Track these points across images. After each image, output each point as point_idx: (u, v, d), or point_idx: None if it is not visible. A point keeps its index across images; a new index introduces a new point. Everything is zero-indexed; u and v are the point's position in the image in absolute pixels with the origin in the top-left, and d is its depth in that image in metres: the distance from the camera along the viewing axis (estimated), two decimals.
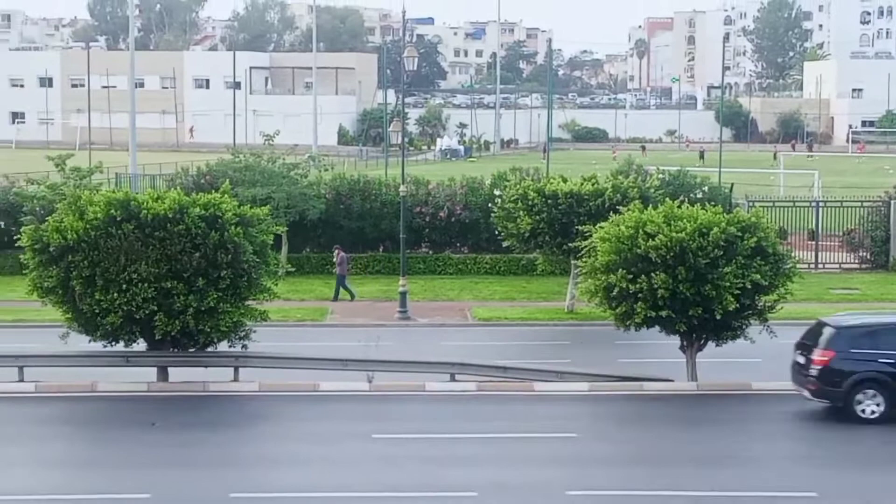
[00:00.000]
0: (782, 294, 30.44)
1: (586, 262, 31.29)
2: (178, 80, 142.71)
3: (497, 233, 44.04)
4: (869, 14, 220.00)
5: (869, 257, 50.82)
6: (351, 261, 46.18)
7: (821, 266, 50.26)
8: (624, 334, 31.99)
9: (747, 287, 29.36)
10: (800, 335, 29.20)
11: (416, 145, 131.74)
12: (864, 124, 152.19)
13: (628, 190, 40.68)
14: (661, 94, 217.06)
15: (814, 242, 51.32)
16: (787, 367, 28.96)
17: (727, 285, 29.11)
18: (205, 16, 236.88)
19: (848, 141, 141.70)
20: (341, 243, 48.43)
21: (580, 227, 36.03)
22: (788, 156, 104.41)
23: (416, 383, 30.85)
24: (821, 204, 53.45)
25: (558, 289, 44.03)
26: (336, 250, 45.26)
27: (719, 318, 29.49)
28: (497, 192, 46.35)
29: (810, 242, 51.46)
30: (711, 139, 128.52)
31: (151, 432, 26.94)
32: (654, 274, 29.23)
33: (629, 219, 30.66)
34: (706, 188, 51.24)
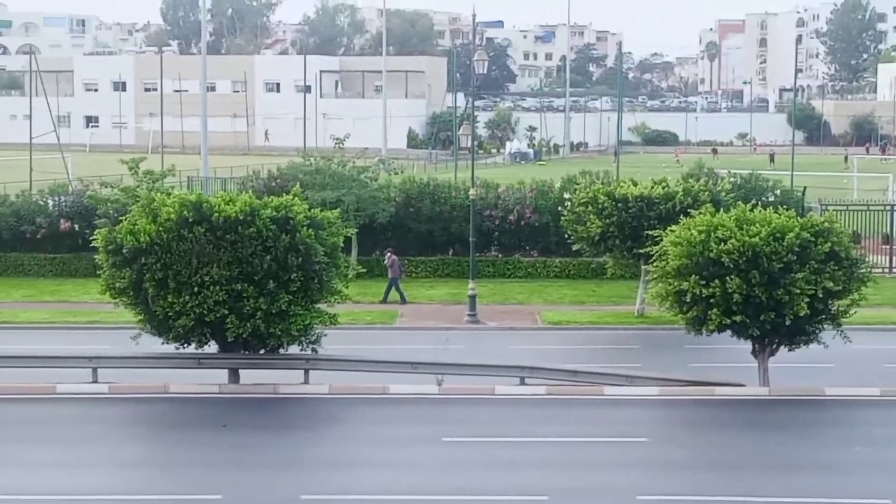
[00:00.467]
0: (856, 299, 30.11)
1: (657, 267, 31.11)
2: (248, 84, 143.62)
3: (567, 236, 43.91)
4: None
5: None
6: (405, 265, 46.11)
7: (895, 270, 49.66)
8: (694, 338, 31.76)
9: (820, 292, 29.06)
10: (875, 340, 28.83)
11: (486, 149, 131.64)
12: None
13: (699, 193, 40.43)
14: (732, 97, 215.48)
15: (888, 246, 50.71)
16: (860, 372, 28.59)
17: (800, 290, 28.83)
18: (276, 20, 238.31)
19: None
20: (410, 246, 48.69)
21: (650, 231, 35.83)
22: (862, 159, 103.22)
23: (485, 387, 30.80)
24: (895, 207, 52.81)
25: (628, 293, 43.83)
26: (388, 253, 45.32)
27: (792, 322, 29.22)
28: (567, 196, 46.26)
29: (885, 246, 50.86)
30: (783, 142, 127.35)
31: (222, 434, 27.12)
32: (727, 279, 29.00)
33: (700, 222, 30.44)
34: (778, 192, 50.83)
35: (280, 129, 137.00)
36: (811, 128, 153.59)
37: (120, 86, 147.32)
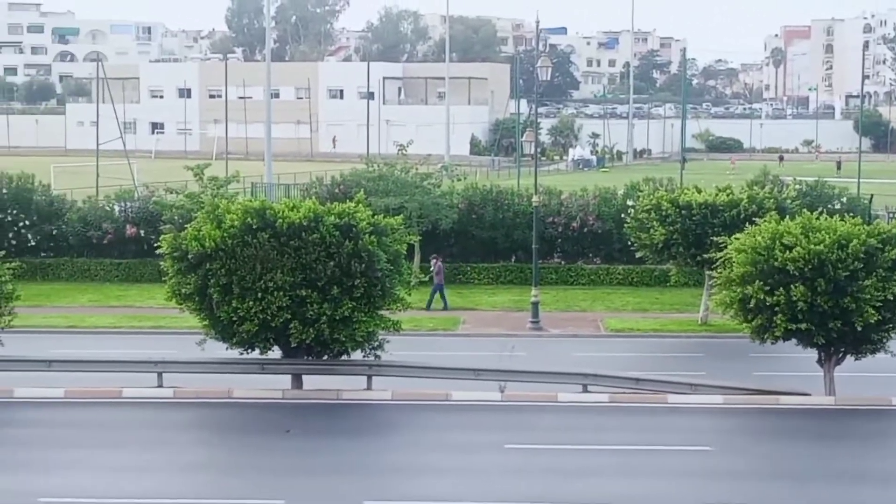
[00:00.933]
0: None
1: (721, 274, 30.92)
2: (312, 91, 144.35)
3: (630, 243, 43.77)
4: None
5: None
6: (443, 270, 45.91)
7: None
8: (759, 347, 31.54)
9: (888, 300, 28.78)
10: None
11: (549, 155, 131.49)
12: None
13: (764, 200, 40.15)
14: (797, 104, 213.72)
15: None
16: None
17: (867, 298, 28.58)
18: (339, 27, 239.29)
19: None
20: (473, 253, 48.77)
21: (715, 238, 35.68)
22: None
23: (548, 394, 30.75)
24: None
25: (692, 300, 43.60)
26: (434, 260, 45.22)
27: (859, 331, 28.95)
28: (630, 203, 46.13)
29: None
30: (849, 149, 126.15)
31: (286, 439, 27.25)
32: (792, 286, 28.78)
33: (765, 230, 30.24)
34: (844, 199, 50.35)
35: (343, 135, 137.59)
36: (878, 135, 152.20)
37: (185, 92, 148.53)
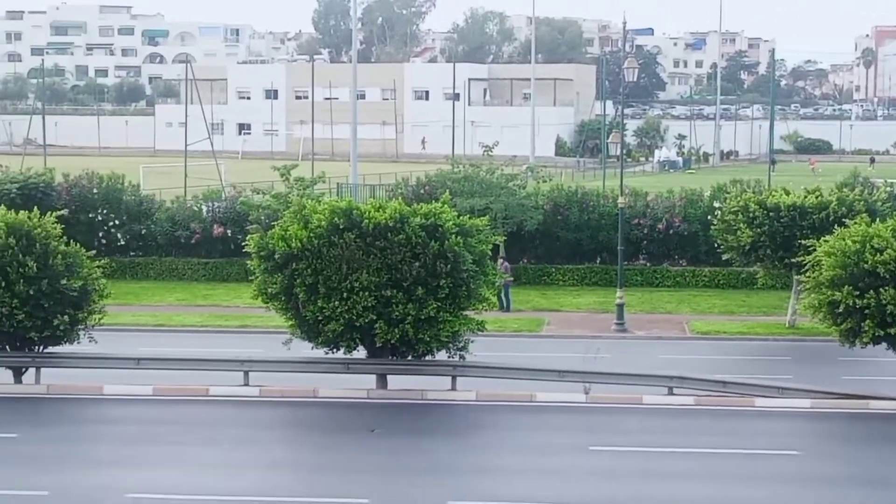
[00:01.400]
0: None
1: (810, 277, 30.60)
2: (398, 92, 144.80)
3: (716, 245, 43.44)
4: None
5: None
6: (512, 271, 45.49)
7: None
8: (848, 351, 31.17)
9: None
10: None
11: (634, 157, 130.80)
12: None
13: (854, 203, 39.66)
14: (889, 105, 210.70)
15: None
16: None
17: None
18: (425, 28, 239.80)
19: None
20: (558, 254, 48.83)
21: (803, 241, 35.28)
22: None
23: (633, 396, 30.59)
24: None
25: (779, 303, 43.16)
26: (500, 260, 44.99)
27: None
28: (717, 205, 45.76)
29: None
30: None
31: (371, 438, 27.35)
32: (882, 290, 28.39)
33: (855, 233, 29.88)
34: None
35: (428, 136, 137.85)
36: None
37: (272, 94, 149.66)
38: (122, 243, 50.25)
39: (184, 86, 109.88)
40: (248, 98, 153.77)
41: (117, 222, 50.13)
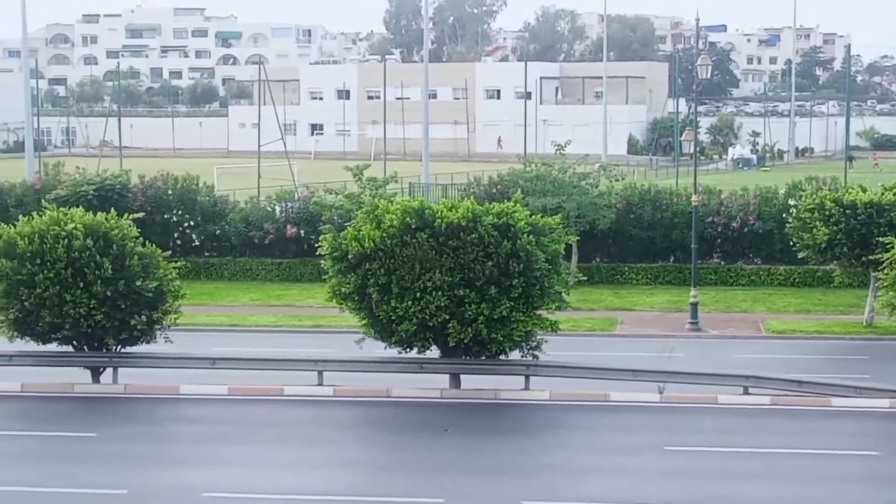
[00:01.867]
0: None
1: (888, 275, 30.26)
2: (469, 91, 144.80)
3: (792, 244, 43.01)
4: None
5: None
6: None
7: None
8: None
9: None
10: None
11: (708, 154, 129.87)
12: None
13: None
14: None
15: None
16: None
17: None
18: (496, 27, 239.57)
19: None
20: (631, 253, 48.70)
21: (881, 238, 34.87)
22: None
23: (707, 395, 30.38)
24: None
25: (856, 301, 42.66)
26: None
27: None
28: (792, 202, 45.35)
29: None
30: None
31: (444, 438, 27.39)
32: None
33: None
34: None
35: (500, 135, 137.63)
36: None
37: (344, 94, 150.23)
38: (197, 244, 50.70)
39: (257, 87, 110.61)
40: (321, 98, 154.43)
41: (192, 223, 50.60)
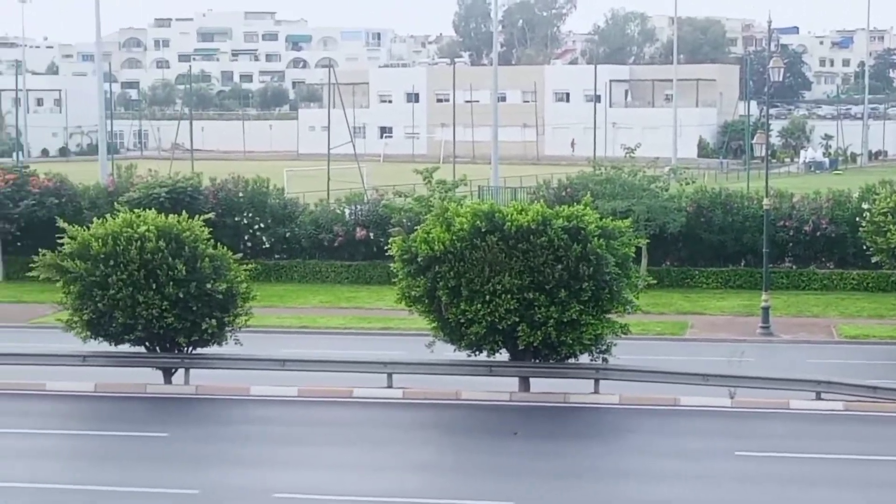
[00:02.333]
0: None
1: None
2: (538, 94, 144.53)
3: (865, 248, 42.60)
4: None
5: None
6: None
7: None
8: None
9: None
10: None
11: (779, 157, 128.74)
12: None
13: None
14: None
15: None
16: None
17: None
18: (566, 30, 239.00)
19: None
20: (701, 257, 48.51)
21: None
22: None
23: (779, 400, 30.12)
24: None
25: None
26: None
27: None
28: (865, 206, 44.87)
29: None
30: None
31: (514, 441, 27.35)
32: None
33: None
34: None
35: (569, 138, 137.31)
36: None
37: (413, 97, 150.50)
38: (267, 246, 51.01)
39: (326, 90, 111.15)
40: (390, 101, 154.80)
41: (262, 225, 50.92)
